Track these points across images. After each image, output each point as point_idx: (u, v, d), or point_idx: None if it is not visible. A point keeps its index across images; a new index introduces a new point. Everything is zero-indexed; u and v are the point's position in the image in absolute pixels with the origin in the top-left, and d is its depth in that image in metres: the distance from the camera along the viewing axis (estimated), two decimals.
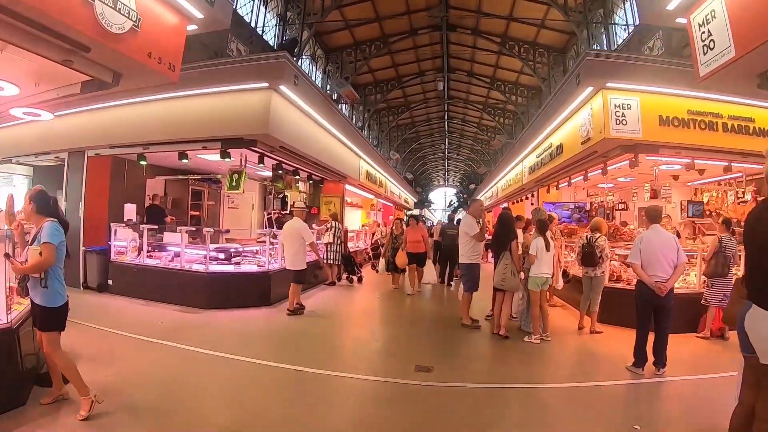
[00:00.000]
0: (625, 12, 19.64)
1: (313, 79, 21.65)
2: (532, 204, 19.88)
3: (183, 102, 11.07)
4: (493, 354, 8.33)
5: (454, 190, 77.74)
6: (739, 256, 9.04)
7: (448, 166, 69.03)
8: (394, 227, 14.14)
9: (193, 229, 12.82)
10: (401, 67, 31.10)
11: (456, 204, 67.74)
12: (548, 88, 25.56)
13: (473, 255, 9.63)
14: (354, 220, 23.59)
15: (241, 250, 12.71)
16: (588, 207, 16.90)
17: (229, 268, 11.66)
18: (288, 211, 15.81)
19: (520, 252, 9.08)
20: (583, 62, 9.86)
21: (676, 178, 13.86)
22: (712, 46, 6.17)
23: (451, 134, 48.37)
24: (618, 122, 9.62)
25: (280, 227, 14.85)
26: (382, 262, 14.24)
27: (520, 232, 10.06)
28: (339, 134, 15.20)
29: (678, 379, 6.84)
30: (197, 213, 16.12)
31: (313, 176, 16.09)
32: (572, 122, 11.77)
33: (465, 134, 47.19)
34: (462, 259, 9.78)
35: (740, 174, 12.11)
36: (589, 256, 9.33)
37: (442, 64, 30.55)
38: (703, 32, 6.35)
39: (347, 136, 16.02)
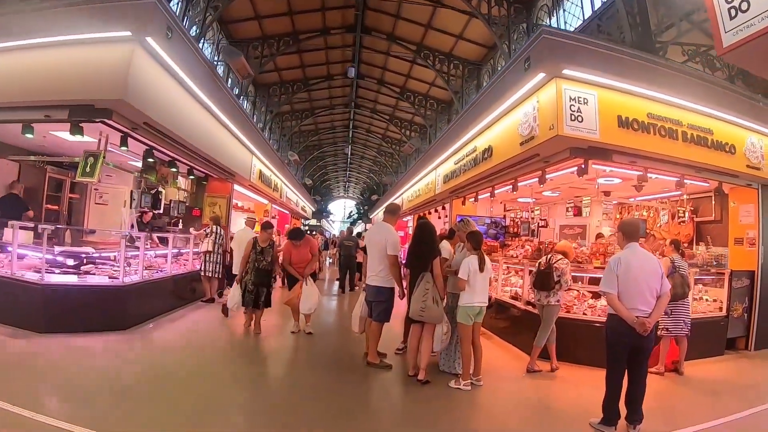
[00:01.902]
0: (550, 24, 18.14)
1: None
2: (440, 218, 18.21)
3: (18, 55, 8.37)
4: (410, 409, 6.32)
5: (354, 202, 76.14)
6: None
7: (349, 176, 66.95)
8: (258, 239, 9.69)
9: (31, 225, 9.99)
10: (310, 69, 28.90)
11: (356, 216, 66.16)
12: (460, 102, 24.52)
13: (388, 276, 7.53)
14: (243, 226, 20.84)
15: (96, 255, 9.90)
16: (506, 222, 15.31)
17: (71, 279, 8.90)
18: (161, 211, 13.00)
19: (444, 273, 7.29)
20: (539, 41, 8.00)
21: (607, 193, 12.51)
22: (744, 8, 4.44)
23: (355, 144, 46.43)
24: (573, 118, 7.82)
25: (153, 231, 12.35)
26: (234, 291, 9.50)
27: (446, 246, 8.17)
28: (228, 121, 12.52)
29: None
30: (56, 207, 12.97)
31: (195, 171, 13.31)
32: (509, 119, 9.92)
33: (369, 145, 45.54)
34: (372, 281, 7.64)
35: (678, 192, 11.00)
36: (544, 279, 7.74)
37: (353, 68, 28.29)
38: None
39: (238, 125, 13.35)
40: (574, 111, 7.77)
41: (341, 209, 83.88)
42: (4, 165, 11.88)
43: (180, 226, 14.31)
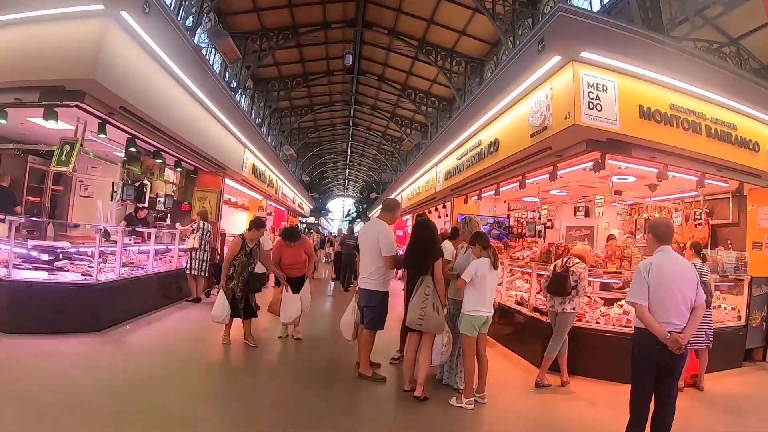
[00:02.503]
0: None
1: (210, 63, 18.19)
2: (440, 217, 17.57)
3: None
4: (406, 430, 5.49)
5: (353, 200, 75.34)
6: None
7: (348, 174, 66.22)
8: (246, 237, 8.33)
9: (21, 219, 9.40)
10: (309, 64, 28.23)
11: (354, 214, 65.43)
12: (462, 99, 23.65)
13: (380, 278, 6.74)
14: (238, 223, 20.05)
15: (72, 251, 9.20)
16: (510, 222, 14.44)
17: (41, 276, 8.16)
18: (146, 205, 12.23)
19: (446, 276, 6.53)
20: (555, 19, 7.12)
21: (618, 193, 11.59)
22: None
23: (355, 142, 45.71)
24: (591, 106, 7.01)
25: (144, 227, 11.64)
26: (221, 302, 7.86)
27: (448, 246, 7.34)
28: (217, 111, 11.75)
29: None
30: (38, 199, 12.22)
31: (183, 163, 12.55)
32: (518, 109, 9.07)
33: (369, 143, 44.74)
34: (364, 284, 6.85)
35: (694, 193, 10.41)
36: (560, 283, 6.96)
37: (353, 63, 27.73)
38: None
39: (229, 115, 12.57)
40: (592, 99, 6.98)
41: (340, 207, 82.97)
42: None
43: (168, 221, 13.52)
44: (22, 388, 5.47)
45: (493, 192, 12.10)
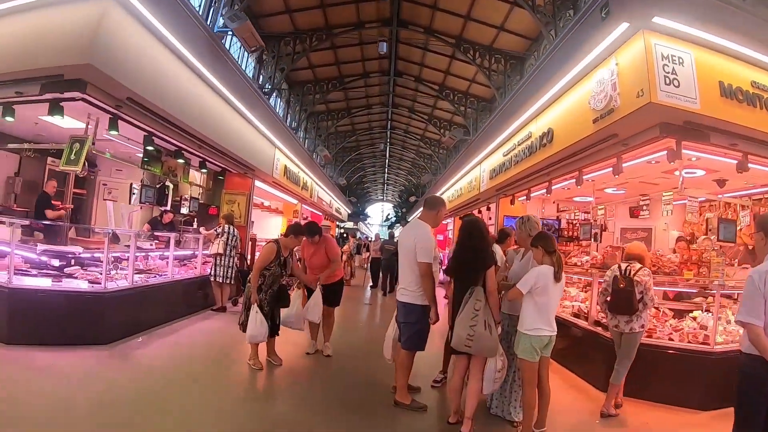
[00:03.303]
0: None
1: (244, 67, 17.47)
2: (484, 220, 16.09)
3: None
4: None
5: (391, 206, 74.47)
6: None
7: (387, 179, 64.98)
8: (282, 244, 7.17)
9: (26, 222, 8.80)
10: (345, 66, 27.12)
11: (393, 218, 64.56)
12: (502, 97, 21.80)
13: (421, 290, 5.64)
14: (272, 227, 19.30)
15: (86, 257, 8.48)
16: (560, 224, 13.24)
17: (44, 282, 7.38)
18: (168, 208, 11.47)
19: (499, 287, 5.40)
20: None
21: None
22: None
23: (393, 145, 44.60)
24: (668, 82, 5.90)
25: (170, 230, 10.90)
26: (255, 320, 6.66)
27: (498, 251, 6.33)
28: (240, 105, 10.94)
29: None
30: (58, 203, 11.58)
31: (208, 164, 11.74)
32: (577, 92, 7.98)
33: (407, 146, 43.50)
34: (401, 296, 5.80)
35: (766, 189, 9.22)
36: (625, 300, 5.77)
37: (389, 64, 27.08)
38: None
39: (255, 111, 11.76)
40: (668, 73, 5.88)
41: (379, 212, 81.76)
42: (3, 157, 10.75)
43: (194, 225, 12.72)
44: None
45: (544, 191, 10.93)
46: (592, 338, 7.25)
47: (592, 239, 11.06)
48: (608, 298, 6.10)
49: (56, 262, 8.22)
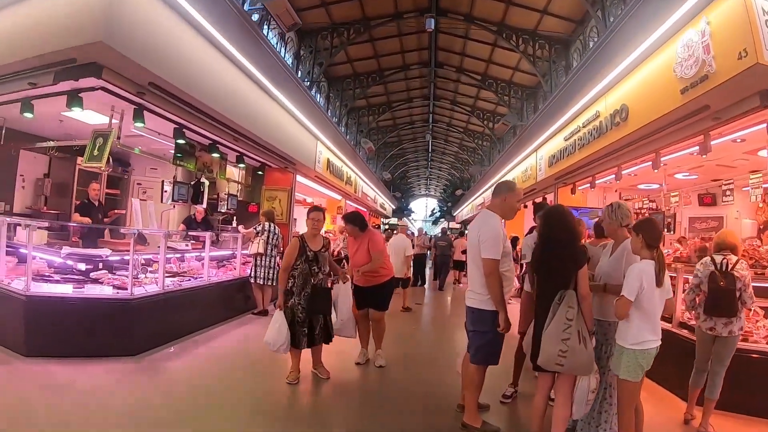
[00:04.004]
0: None
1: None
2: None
3: None
4: None
5: (435, 201, 73.27)
6: None
7: (430, 174, 63.29)
8: (306, 237, 6.19)
9: (45, 224, 8.14)
10: (384, 59, 26.20)
11: (438, 213, 63.48)
12: (549, 84, 21.13)
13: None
14: None
15: (114, 260, 7.79)
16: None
17: (65, 289, 6.68)
18: (204, 207, 10.70)
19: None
20: None
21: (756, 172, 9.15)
22: None
23: (435, 139, 43.07)
24: None
25: (206, 229, 10.17)
26: (277, 322, 5.86)
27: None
28: (278, 94, 10.10)
29: None
30: (114, 212, 11.01)
31: (246, 158, 10.94)
32: (656, 60, 6.90)
33: (450, 140, 42.24)
34: (470, 300, 4.86)
35: None
36: (727, 299, 4.81)
37: (429, 56, 26.00)
38: None
39: (294, 101, 10.90)
40: None
41: (423, 207, 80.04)
42: (32, 159, 10.18)
43: (234, 224, 11.91)
44: None
45: (613, 176, 9.76)
46: (675, 342, 6.07)
47: (665, 230, 9.91)
48: (697, 297, 5.17)
49: (83, 267, 7.52)
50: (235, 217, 12.32)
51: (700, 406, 5.16)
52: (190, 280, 8.41)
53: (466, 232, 17.24)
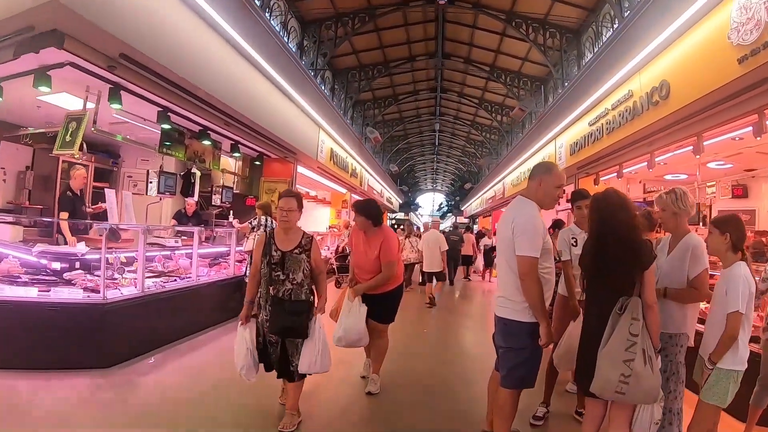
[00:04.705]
0: None
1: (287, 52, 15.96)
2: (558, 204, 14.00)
3: None
4: None
5: (442, 196, 72.40)
6: None
7: (437, 168, 61.78)
8: (276, 233, 4.77)
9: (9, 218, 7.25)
10: (389, 49, 25.21)
11: (446, 208, 62.66)
12: (561, 74, 20.19)
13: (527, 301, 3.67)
14: (319, 220, 17.62)
15: (92, 258, 6.90)
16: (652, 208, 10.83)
17: (30, 293, 5.80)
18: (195, 200, 9.80)
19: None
20: None
21: None
22: None
23: (443, 132, 42.08)
24: None
25: (197, 224, 9.31)
26: (240, 342, 4.62)
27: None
28: (276, 75, 9.18)
29: None
30: (99, 207, 10.13)
31: (241, 146, 10.03)
32: (705, 27, 6.01)
33: (457, 133, 41.15)
34: (499, 307, 3.85)
35: None
36: None
37: (436, 47, 24.98)
38: None
39: (294, 85, 9.96)
40: None
41: (430, 202, 78.86)
42: (14, 151, 9.40)
43: (230, 218, 10.96)
44: None
45: (641, 165, 8.80)
46: None
47: (701, 223, 8.94)
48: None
49: (58, 266, 6.64)
50: (231, 211, 11.38)
51: (762, 426, 4.32)
52: (176, 280, 7.52)
53: (476, 226, 16.51)
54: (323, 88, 23.20)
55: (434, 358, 7.34)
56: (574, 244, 4.81)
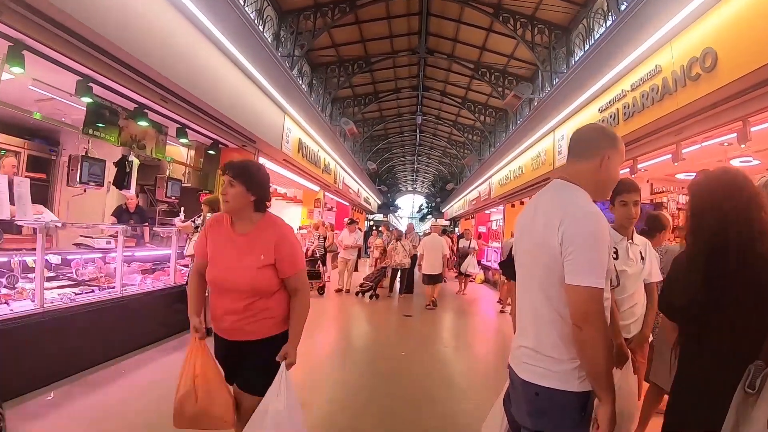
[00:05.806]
0: None
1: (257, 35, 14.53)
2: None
3: None
4: None
5: (422, 198, 71.36)
6: None
7: (417, 168, 60.34)
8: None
9: None
10: (370, 44, 23.95)
11: (425, 210, 61.51)
12: (548, 72, 19.17)
13: (570, 357, 2.03)
14: (289, 219, 16.12)
15: None
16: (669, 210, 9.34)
17: None
18: (132, 193, 8.25)
19: None
20: None
21: None
22: None
23: (424, 133, 41.05)
24: None
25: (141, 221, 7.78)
26: None
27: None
28: (227, 43, 7.60)
29: None
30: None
31: (189, 131, 8.50)
32: None
33: (439, 133, 40.13)
34: (529, 369, 2.14)
35: None
36: None
37: (419, 41, 23.75)
38: None
39: (254, 60, 8.43)
40: None
41: (409, 204, 77.53)
42: None
43: (182, 216, 9.33)
44: None
45: (656, 161, 7.36)
46: None
47: None
48: None
49: None
50: (183, 208, 9.75)
51: None
52: (93, 291, 5.96)
53: (457, 230, 15.08)
54: (301, 82, 21.82)
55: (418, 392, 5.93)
56: (615, 257, 3.37)
